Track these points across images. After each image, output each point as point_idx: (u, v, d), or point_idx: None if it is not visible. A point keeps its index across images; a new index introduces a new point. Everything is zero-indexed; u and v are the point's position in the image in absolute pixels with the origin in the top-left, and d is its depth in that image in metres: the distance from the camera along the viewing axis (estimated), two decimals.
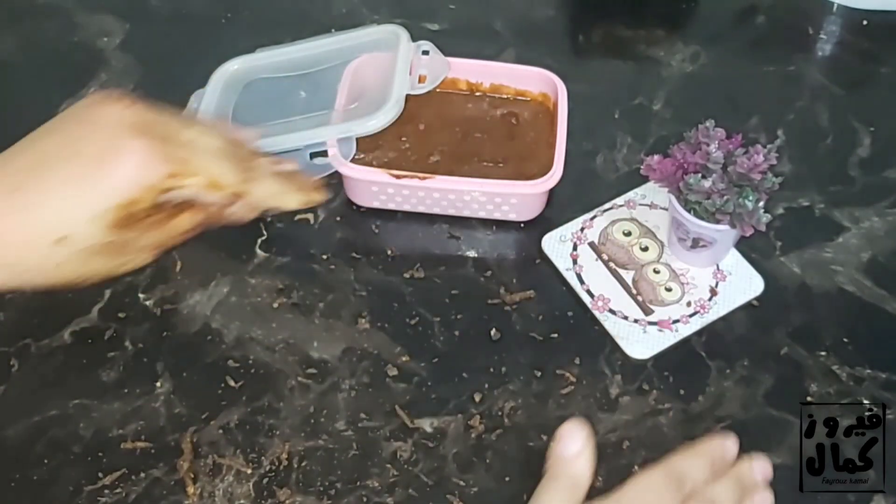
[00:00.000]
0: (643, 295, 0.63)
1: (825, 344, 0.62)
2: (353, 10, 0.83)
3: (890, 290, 0.65)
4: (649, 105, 0.76)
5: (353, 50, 0.71)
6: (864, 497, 0.55)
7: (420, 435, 0.58)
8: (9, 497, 0.55)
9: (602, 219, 0.67)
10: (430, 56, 0.70)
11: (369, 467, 0.56)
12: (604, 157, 0.72)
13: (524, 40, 0.80)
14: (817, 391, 0.60)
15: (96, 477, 0.55)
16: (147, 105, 0.48)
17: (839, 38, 0.82)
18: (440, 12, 0.82)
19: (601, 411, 0.59)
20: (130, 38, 0.80)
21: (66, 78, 0.77)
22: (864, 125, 0.74)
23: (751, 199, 0.58)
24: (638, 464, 0.56)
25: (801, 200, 0.69)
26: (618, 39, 0.83)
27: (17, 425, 0.57)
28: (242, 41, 0.76)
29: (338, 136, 0.65)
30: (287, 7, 0.84)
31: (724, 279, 0.64)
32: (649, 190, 0.69)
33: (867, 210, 0.69)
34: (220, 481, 0.56)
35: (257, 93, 0.71)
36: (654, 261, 0.65)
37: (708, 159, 0.59)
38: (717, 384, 0.60)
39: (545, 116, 0.71)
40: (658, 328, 0.62)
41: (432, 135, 0.70)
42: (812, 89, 0.77)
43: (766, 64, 0.79)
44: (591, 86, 0.76)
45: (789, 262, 0.66)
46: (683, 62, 0.79)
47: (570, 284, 0.64)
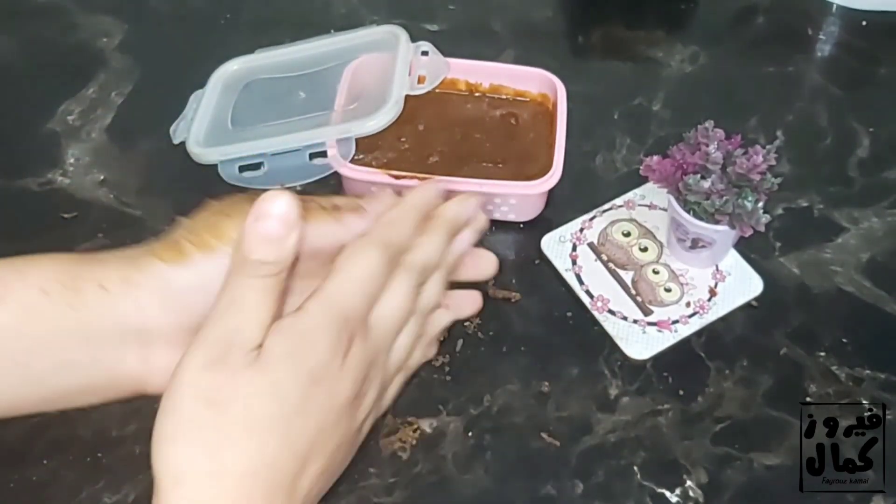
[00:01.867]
0: (642, 295, 0.64)
1: (824, 344, 0.62)
2: (353, 11, 0.83)
3: (889, 291, 0.65)
4: (648, 105, 0.76)
5: (352, 50, 0.72)
6: (864, 497, 0.55)
7: (420, 435, 0.58)
8: (9, 497, 0.55)
9: (601, 219, 0.67)
10: (430, 57, 0.70)
11: (369, 467, 0.56)
12: (603, 157, 0.72)
13: (523, 41, 0.80)
14: (816, 391, 0.60)
15: (96, 477, 0.55)
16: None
17: (838, 38, 0.82)
18: (439, 13, 0.82)
19: (600, 411, 0.59)
20: (130, 39, 0.80)
21: (65, 78, 0.77)
22: (864, 126, 0.74)
23: (750, 200, 0.58)
24: (637, 464, 0.57)
25: (800, 201, 0.70)
26: (617, 40, 0.83)
27: (17, 425, 0.57)
28: (242, 41, 0.76)
29: (337, 136, 0.65)
30: (287, 7, 0.84)
31: (724, 280, 0.64)
32: (648, 190, 0.69)
33: (866, 211, 0.69)
34: None
35: (257, 93, 0.71)
36: (654, 261, 0.65)
37: (707, 160, 0.59)
38: (716, 384, 0.60)
39: (544, 117, 0.71)
40: (657, 329, 0.62)
41: (431, 135, 0.70)
42: (811, 90, 0.77)
43: (765, 64, 0.79)
44: (591, 86, 0.76)
45: (788, 263, 0.66)
46: (683, 63, 0.79)
47: (569, 285, 0.64)
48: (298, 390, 0.38)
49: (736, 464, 0.57)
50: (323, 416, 0.39)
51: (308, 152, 0.65)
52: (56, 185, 0.70)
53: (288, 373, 0.38)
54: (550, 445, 0.57)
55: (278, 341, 0.39)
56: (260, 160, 0.66)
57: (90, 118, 0.74)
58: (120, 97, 0.76)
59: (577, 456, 0.57)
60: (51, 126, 0.74)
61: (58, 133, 0.73)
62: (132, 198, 0.69)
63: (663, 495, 0.55)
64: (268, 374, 0.38)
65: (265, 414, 0.38)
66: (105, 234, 0.67)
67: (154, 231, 0.66)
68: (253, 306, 0.39)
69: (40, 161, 0.71)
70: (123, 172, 0.71)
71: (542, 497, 0.55)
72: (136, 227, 0.67)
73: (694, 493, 0.55)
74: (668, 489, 0.56)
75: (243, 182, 0.66)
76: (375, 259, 0.42)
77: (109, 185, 0.70)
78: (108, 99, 0.76)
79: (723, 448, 0.57)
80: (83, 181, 0.70)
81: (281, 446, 0.39)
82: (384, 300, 0.42)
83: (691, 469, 0.56)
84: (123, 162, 0.72)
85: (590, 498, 0.55)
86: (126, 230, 0.67)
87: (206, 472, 0.37)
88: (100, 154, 0.72)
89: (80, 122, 0.74)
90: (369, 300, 0.41)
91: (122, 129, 0.74)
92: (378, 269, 0.42)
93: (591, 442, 0.58)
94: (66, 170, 0.71)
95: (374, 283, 0.42)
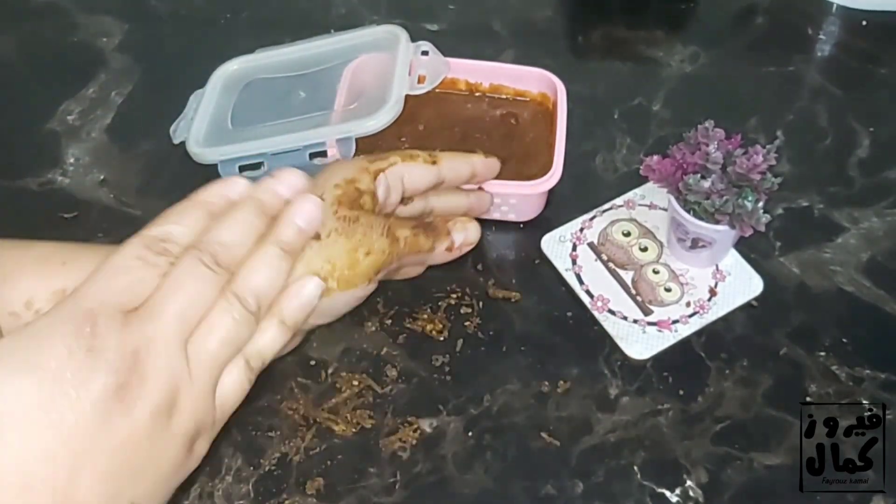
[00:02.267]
0: (642, 295, 0.64)
1: (824, 344, 0.62)
2: (353, 11, 0.83)
3: (889, 291, 0.65)
4: (648, 105, 0.76)
5: (352, 50, 0.72)
6: (863, 497, 0.55)
7: (420, 435, 0.58)
8: None
9: (601, 219, 0.67)
10: (430, 56, 0.70)
11: (369, 467, 0.56)
12: (603, 157, 0.72)
13: (523, 41, 0.80)
14: (816, 391, 0.60)
15: None
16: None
17: (838, 38, 0.82)
18: (439, 13, 0.83)
19: (600, 411, 0.59)
20: (130, 39, 0.81)
21: (65, 78, 0.77)
22: (864, 126, 0.74)
23: (750, 200, 0.58)
24: (637, 464, 0.57)
25: (800, 201, 0.70)
26: (617, 40, 0.83)
27: None
28: (242, 41, 0.76)
29: (337, 136, 0.65)
30: (287, 7, 0.84)
31: (724, 279, 0.64)
32: (648, 190, 0.69)
33: (866, 210, 0.69)
34: (220, 481, 0.56)
35: (257, 93, 0.71)
36: (654, 261, 0.65)
37: (707, 160, 0.59)
38: (716, 384, 0.60)
39: (544, 117, 0.71)
40: (657, 328, 0.62)
41: (431, 135, 0.70)
42: (811, 90, 0.77)
43: (765, 64, 0.79)
44: (591, 86, 0.76)
45: (788, 263, 0.66)
46: (683, 63, 0.79)
47: (569, 285, 0.64)
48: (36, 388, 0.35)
49: (736, 464, 0.57)
50: (75, 414, 0.36)
51: (308, 152, 0.65)
52: (56, 185, 0.70)
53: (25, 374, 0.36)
54: (550, 445, 0.57)
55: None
56: (260, 160, 0.66)
57: (90, 118, 0.74)
58: (120, 97, 0.76)
59: (577, 456, 0.57)
60: (51, 126, 0.74)
61: (58, 133, 0.73)
62: (132, 198, 0.69)
63: (663, 495, 0.55)
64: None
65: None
66: (105, 234, 0.67)
67: None
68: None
69: (40, 161, 0.71)
70: (123, 172, 0.71)
71: (542, 497, 0.55)
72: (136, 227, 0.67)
73: (694, 493, 0.55)
74: (668, 489, 0.56)
75: None
76: (135, 255, 0.41)
77: (109, 185, 0.70)
78: (108, 99, 0.76)
79: (723, 448, 0.57)
80: (83, 181, 0.70)
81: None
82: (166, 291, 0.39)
83: (691, 469, 0.56)
84: (123, 162, 0.72)
85: (590, 498, 0.56)
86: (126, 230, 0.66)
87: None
88: (100, 154, 0.72)
89: (80, 122, 0.74)
90: (119, 293, 0.39)
91: (122, 129, 0.74)
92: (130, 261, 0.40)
93: (591, 442, 0.58)
94: (66, 170, 0.71)
95: (122, 276, 0.40)
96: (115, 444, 0.36)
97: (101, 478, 0.36)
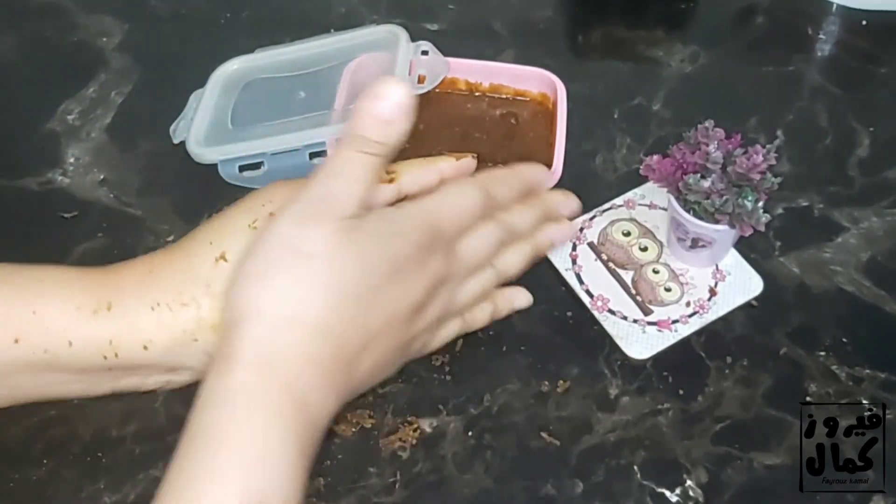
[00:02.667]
0: (642, 295, 0.64)
1: (824, 344, 0.62)
2: (353, 11, 0.83)
3: (889, 291, 0.65)
4: (648, 105, 0.76)
5: (352, 50, 0.72)
6: (864, 497, 0.55)
7: (420, 434, 0.58)
8: (9, 497, 0.55)
9: (601, 219, 0.67)
10: (430, 56, 0.70)
11: (369, 467, 0.56)
12: (603, 157, 0.72)
13: (523, 41, 0.80)
14: (816, 391, 0.60)
15: (96, 477, 0.55)
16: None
17: (838, 38, 0.82)
18: (439, 12, 0.82)
19: (600, 411, 0.59)
20: (130, 39, 0.80)
21: (65, 78, 0.77)
22: (864, 125, 0.74)
23: (750, 199, 0.58)
24: (637, 464, 0.57)
25: (800, 201, 0.70)
26: (617, 40, 0.83)
27: (17, 425, 0.57)
28: (242, 41, 0.76)
29: (337, 136, 0.65)
30: (287, 7, 0.84)
31: (724, 279, 0.64)
32: (648, 190, 0.69)
33: (866, 210, 0.69)
34: None
35: (256, 93, 0.71)
36: (654, 261, 0.65)
37: (707, 159, 0.59)
38: (716, 384, 0.60)
39: (544, 116, 0.71)
40: (657, 328, 0.62)
41: (431, 135, 0.70)
42: (811, 90, 0.77)
43: (765, 64, 0.79)
44: (591, 86, 0.76)
45: (788, 263, 0.66)
46: (683, 62, 0.79)
47: (569, 284, 0.64)
48: (381, 272, 0.40)
49: (736, 463, 0.57)
50: (393, 307, 0.41)
51: (308, 152, 0.65)
52: (56, 185, 0.70)
53: (376, 251, 0.40)
54: (550, 445, 0.57)
55: (374, 220, 0.41)
56: (260, 160, 0.66)
57: (90, 118, 0.74)
58: (120, 97, 0.76)
59: (577, 455, 0.57)
60: (51, 126, 0.74)
61: (58, 133, 0.73)
62: (132, 198, 0.69)
63: (663, 495, 0.55)
64: (358, 244, 0.40)
65: (348, 279, 0.39)
66: (105, 234, 0.67)
67: (154, 231, 0.67)
68: (353, 178, 0.42)
69: (40, 161, 0.71)
70: (123, 172, 0.71)
71: (542, 497, 0.55)
72: (136, 227, 0.67)
73: (694, 493, 0.55)
74: (668, 489, 0.56)
75: (243, 182, 0.66)
76: (476, 198, 0.45)
77: (109, 185, 0.70)
78: (108, 99, 0.76)
79: (723, 448, 0.57)
80: (83, 181, 0.70)
81: (354, 317, 0.39)
82: (471, 237, 0.45)
83: (691, 469, 0.56)
84: (123, 162, 0.72)
85: (590, 497, 0.55)
86: (126, 230, 0.67)
87: (283, 315, 0.38)
88: (100, 154, 0.72)
89: (80, 121, 0.74)
90: (458, 229, 0.44)
91: (122, 129, 0.74)
92: (475, 206, 0.44)
93: (591, 441, 0.58)
94: (66, 169, 0.71)
95: (467, 216, 0.44)
96: (395, 343, 0.42)
97: (372, 366, 0.41)
